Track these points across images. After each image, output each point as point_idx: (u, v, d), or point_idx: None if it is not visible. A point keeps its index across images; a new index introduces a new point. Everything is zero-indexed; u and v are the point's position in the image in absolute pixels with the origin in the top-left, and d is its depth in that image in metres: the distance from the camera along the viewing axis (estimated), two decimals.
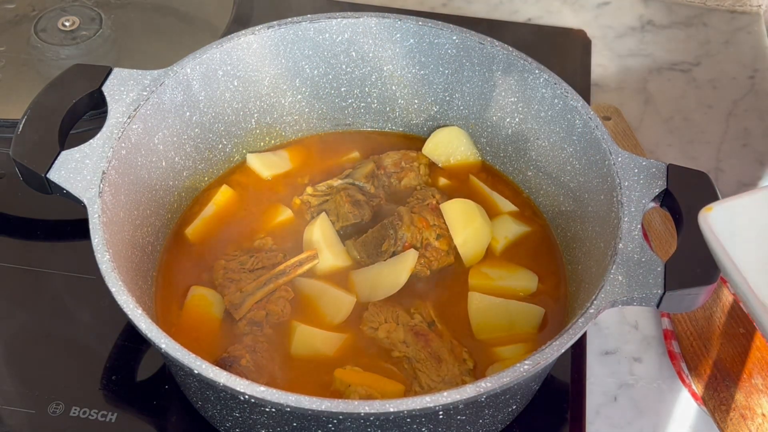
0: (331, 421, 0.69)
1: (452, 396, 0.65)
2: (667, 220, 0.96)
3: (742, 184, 1.05)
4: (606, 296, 0.71)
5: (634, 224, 0.75)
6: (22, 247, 0.95)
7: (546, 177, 0.91)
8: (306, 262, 0.85)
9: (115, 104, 0.83)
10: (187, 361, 0.66)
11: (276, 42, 0.92)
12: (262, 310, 0.82)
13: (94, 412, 0.81)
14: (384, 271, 0.85)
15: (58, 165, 0.79)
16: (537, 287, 0.86)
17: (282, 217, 0.91)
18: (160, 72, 0.86)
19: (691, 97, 1.15)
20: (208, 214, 0.91)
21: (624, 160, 0.80)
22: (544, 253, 0.89)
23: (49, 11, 1.16)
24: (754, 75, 1.18)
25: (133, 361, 0.85)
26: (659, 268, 0.72)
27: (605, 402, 0.86)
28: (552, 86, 0.87)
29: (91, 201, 0.76)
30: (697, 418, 0.85)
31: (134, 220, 0.82)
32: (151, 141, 0.85)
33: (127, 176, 0.82)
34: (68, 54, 1.12)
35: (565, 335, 0.68)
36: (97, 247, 0.73)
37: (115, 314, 0.71)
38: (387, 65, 0.95)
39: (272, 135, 0.98)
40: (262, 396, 0.64)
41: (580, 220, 0.86)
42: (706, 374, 0.86)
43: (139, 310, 0.69)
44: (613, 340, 0.90)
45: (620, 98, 1.14)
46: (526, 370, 0.66)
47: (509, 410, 0.79)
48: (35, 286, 0.90)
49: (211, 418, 0.79)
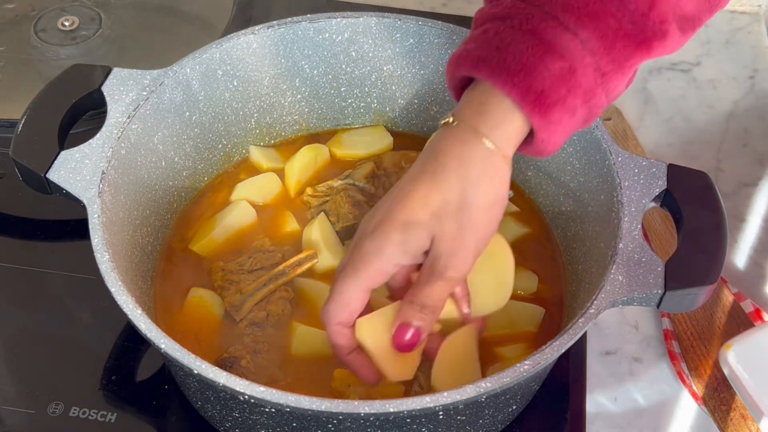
0: (331, 421, 0.68)
1: (452, 396, 0.65)
2: (667, 220, 0.96)
3: (742, 184, 1.05)
4: (606, 296, 0.71)
5: (634, 224, 0.75)
6: (22, 247, 0.95)
7: (546, 177, 0.91)
8: (305, 261, 0.85)
9: (114, 104, 0.83)
10: (187, 361, 0.66)
11: (276, 42, 0.92)
12: (262, 311, 0.82)
13: (94, 412, 0.80)
14: None
15: (58, 165, 0.79)
16: (537, 287, 0.86)
17: (282, 219, 0.91)
18: (159, 72, 0.86)
19: (691, 97, 1.15)
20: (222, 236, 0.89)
21: (624, 160, 0.80)
22: (544, 253, 0.89)
23: (48, 11, 1.16)
24: (754, 75, 1.18)
25: (133, 361, 0.85)
26: (659, 268, 0.72)
27: (605, 402, 0.86)
28: None
29: (91, 201, 0.76)
30: (697, 418, 0.85)
31: (134, 220, 0.82)
32: (150, 141, 0.85)
33: (126, 176, 0.82)
34: (68, 54, 1.12)
35: (565, 335, 0.68)
36: (96, 247, 0.73)
37: (115, 314, 0.71)
38: (387, 65, 0.95)
39: (272, 135, 0.98)
40: (261, 396, 0.64)
41: (580, 220, 0.86)
42: (707, 374, 0.86)
43: (139, 310, 0.69)
44: (613, 340, 0.90)
45: (620, 98, 1.14)
46: (526, 370, 0.66)
47: (509, 410, 0.79)
48: (35, 286, 0.90)
49: (211, 418, 0.79)
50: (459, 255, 0.67)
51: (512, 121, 0.66)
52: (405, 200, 0.67)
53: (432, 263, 0.68)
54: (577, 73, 0.65)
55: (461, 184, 0.66)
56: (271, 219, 0.91)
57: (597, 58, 0.65)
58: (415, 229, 0.66)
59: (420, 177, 0.67)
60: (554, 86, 0.64)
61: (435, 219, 0.66)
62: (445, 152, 0.67)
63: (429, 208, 0.66)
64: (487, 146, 0.66)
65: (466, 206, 0.66)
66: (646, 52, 0.66)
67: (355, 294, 0.68)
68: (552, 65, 0.64)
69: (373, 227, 0.68)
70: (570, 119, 0.66)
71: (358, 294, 0.68)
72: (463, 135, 0.67)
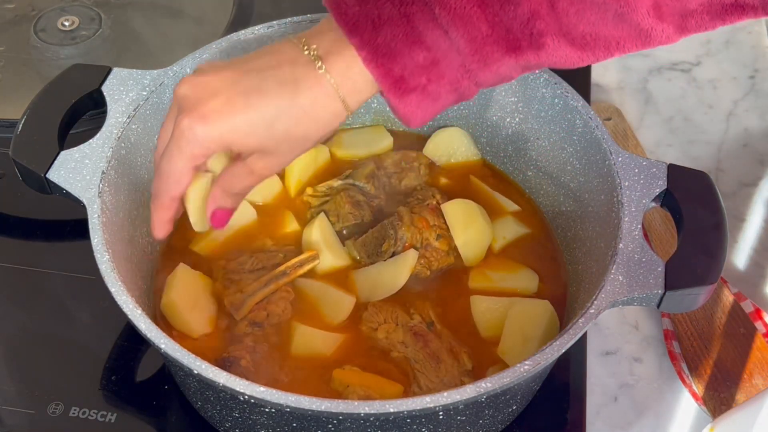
0: (331, 421, 0.68)
1: (452, 396, 0.65)
2: (667, 220, 0.96)
3: (742, 184, 1.05)
4: (606, 296, 0.71)
5: (634, 224, 0.75)
6: (22, 247, 0.95)
7: (546, 177, 0.91)
8: (306, 262, 0.85)
9: (114, 104, 0.83)
10: (186, 361, 0.66)
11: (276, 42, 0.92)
12: (262, 311, 0.82)
13: (94, 412, 0.80)
14: (384, 272, 0.85)
15: (58, 165, 0.79)
16: (537, 287, 0.86)
17: (283, 219, 0.91)
18: (159, 72, 0.86)
19: (691, 97, 1.15)
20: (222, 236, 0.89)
21: (624, 160, 0.80)
22: (544, 253, 0.89)
23: (48, 11, 1.16)
24: (754, 75, 1.18)
25: (133, 361, 0.85)
26: (659, 268, 0.72)
27: (605, 402, 0.86)
28: (552, 86, 0.87)
29: (91, 201, 0.76)
30: (697, 419, 0.85)
31: (134, 220, 0.82)
32: (150, 141, 0.85)
33: (126, 176, 0.82)
34: (68, 54, 1.12)
35: (565, 335, 0.68)
36: (96, 247, 0.73)
37: (115, 314, 0.71)
38: None
39: None
40: (261, 396, 0.64)
41: (580, 220, 0.86)
42: (707, 374, 0.86)
43: (139, 310, 0.69)
44: (614, 340, 0.90)
45: (620, 98, 1.14)
46: (526, 370, 0.66)
47: (509, 410, 0.79)
48: (35, 286, 0.90)
49: (210, 418, 0.79)
50: (279, 165, 0.72)
51: (366, 86, 0.68)
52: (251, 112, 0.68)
53: (253, 165, 0.71)
54: (440, 65, 0.67)
55: (306, 121, 0.68)
56: (271, 219, 0.91)
57: (462, 57, 0.67)
58: (250, 140, 0.69)
59: (272, 96, 0.68)
60: (415, 74, 0.67)
61: (273, 140, 0.69)
62: (302, 86, 0.68)
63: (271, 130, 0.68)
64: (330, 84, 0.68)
65: (303, 139, 0.70)
66: (515, 58, 0.67)
67: (186, 172, 0.71)
68: (417, 55, 0.66)
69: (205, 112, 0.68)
70: (432, 103, 0.69)
71: (188, 172, 0.71)
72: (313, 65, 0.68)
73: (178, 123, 0.69)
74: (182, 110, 0.69)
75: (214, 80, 0.69)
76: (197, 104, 0.68)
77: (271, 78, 0.68)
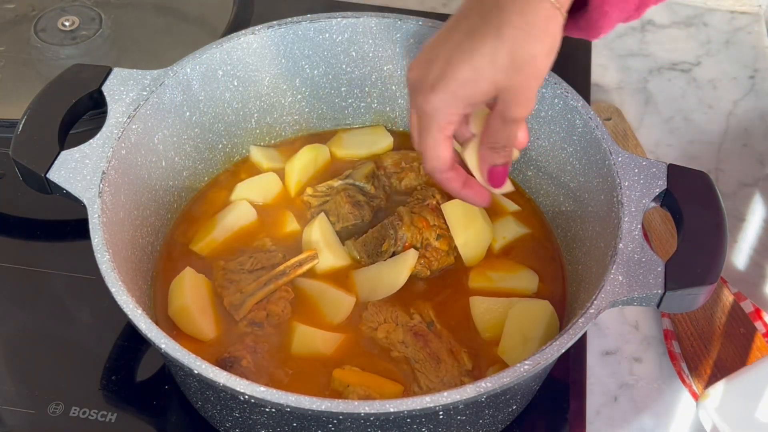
0: (331, 421, 0.68)
1: (452, 396, 0.65)
2: (667, 220, 0.96)
3: (742, 184, 1.05)
4: (606, 296, 0.71)
5: (634, 224, 0.75)
6: (22, 247, 0.95)
7: (546, 177, 0.91)
8: (306, 262, 0.85)
9: (114, 104, 0.83)
10: (187, 361, 0.66)
11: (276, 42, 0.92)
12: (262, 311, 0.82)
13: (94, 412, 0.81)
14: (384, 271, 0.85)
15: (58, 165, 0.79)
16: (537, 287, 0.86)
17: (283, 219, 0.91)
18: (159, 72, 0.86)
19: (691, 97, 1.15)
20: (222, 236, 0.89)
21: (624, 160, 0.80)
22: (544, 253, 0.89)
23: (48, 11, 1.16)
24: (754, 75, 1.18)
25: (133, 361, 0.85)
26: (659, 268, 0.72)
27: (605, 402, 0.86)
28: (552, 86, 0.87)
29: (91, 201, 0.76)
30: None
31: (134, 220, 0.82)
32: (150, 141, 0.85)
33: (126, 176, 0.82)
34: (68, 54, 1.12)
35: (565, 335, 0.68)
36: (96, 247, 0.73)
37: (115, 314, 0.71)
38: (387, 65, 0.95)
39: (272, 135, 0.98)
40: (262, 396, 0.64)
41: (580, 220, 0.86)
42: (707, 374, 0.86)
43: (139, 310, 0.69)
44: (614, 340, 0.90)
45: (620, 98, 1.14)
46: (526, 370, 0.66)
47: (509, 410, 0.79)
48: (35, 286, 0.90)
49: (211, 418, 0.79)
50: (526, 100, 0.72)
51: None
52: (469, 57, 0.69)
53: (502, 111, 0.72)
54: None
55: (526, 40, 0.68)
56: (271, 219, 0.91)
57: None
58: (482, 85, 0.70)
59: (483, 31, 0.69)
60: None
61: (502, 74, 0.69)
62: (508, 8, 0.68)
63: (496, 64, 0.69)
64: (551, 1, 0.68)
65: (532, 60, 0.69)
66: None
67: (441, 146, 0.74)
68: None
69: (432, 81, 0.71)
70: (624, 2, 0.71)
71: (442, 144, 0.74)
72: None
73: (414, 104, 0.72)
74: (414, 92, 0.72)
75: (429, 51, 0.72)
76: (422, 80, 0.71)
77: (475, 16, 0.70)
